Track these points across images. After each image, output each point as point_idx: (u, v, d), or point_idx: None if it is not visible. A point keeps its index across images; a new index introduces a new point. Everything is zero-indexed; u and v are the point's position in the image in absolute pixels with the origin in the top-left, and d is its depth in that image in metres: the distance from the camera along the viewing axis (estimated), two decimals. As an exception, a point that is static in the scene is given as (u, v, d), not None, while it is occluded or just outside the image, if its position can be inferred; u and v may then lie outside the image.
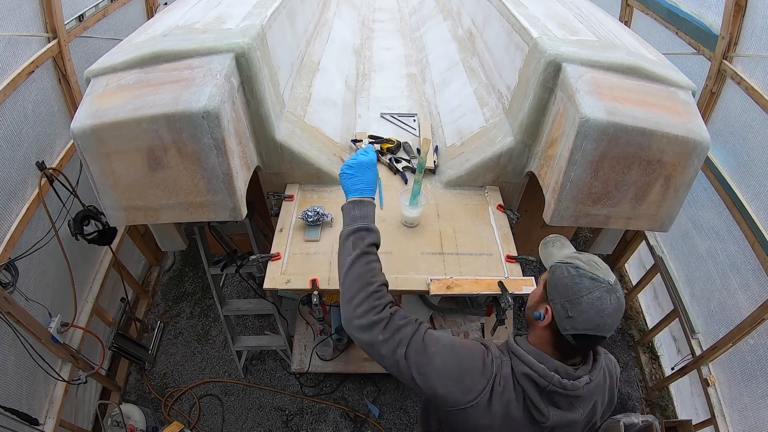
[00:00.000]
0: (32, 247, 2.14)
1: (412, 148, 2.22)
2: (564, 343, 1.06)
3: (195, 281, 3.70)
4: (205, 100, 1.45)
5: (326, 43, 2.84)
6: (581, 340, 1.04)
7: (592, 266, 1.05)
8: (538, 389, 1.06)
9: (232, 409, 2.96)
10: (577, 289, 1.02)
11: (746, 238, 2.28)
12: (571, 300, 1.02)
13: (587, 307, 1.00)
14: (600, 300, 1.00)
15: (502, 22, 2.21)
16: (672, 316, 2.94)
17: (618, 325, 1.05)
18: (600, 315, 1.00)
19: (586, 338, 1.03)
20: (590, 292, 1.01)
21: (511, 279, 1.64)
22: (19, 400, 2.12)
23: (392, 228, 1.85)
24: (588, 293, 1.01)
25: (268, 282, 1.63)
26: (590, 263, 1.06)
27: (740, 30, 2.30)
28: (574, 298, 1.01)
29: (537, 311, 1.11)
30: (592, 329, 1.01)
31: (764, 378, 2.18)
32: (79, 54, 2.59)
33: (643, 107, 1.58)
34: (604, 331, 1.02)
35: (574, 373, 1.07)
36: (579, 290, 1.01)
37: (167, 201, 1.63)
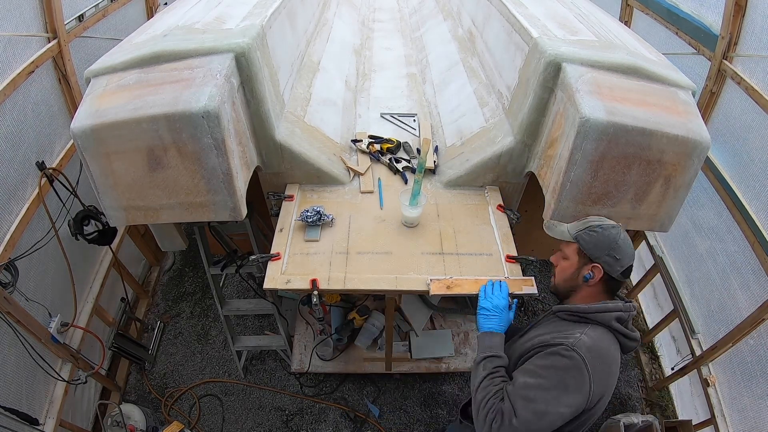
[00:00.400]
0: (32, 247, 2.14)
1: (412, 148, 2.22)
2: (612, 285, 1.32)
3: (195, 281, 3.70)
4: (205, 100, 1.45)
5: (326, 43, 2.84)
6: (626, 272, 1.31)
7: (601, 220, 1.35)
8: (624, 323, 1.28)
9: (232, 409, 2.96)
10: (611, 238, 1.29)
11: (746, 238, 2.28)
12: (613, 248, 1.28)
13: (623, 245, 1.29)
14: (626, 238, 1.31)
15: (502, 22, 2.22)
16: (672, 316, 2.94)
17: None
18: (629, 246, 1.31)
19: (629, 269, 1.30)
20: (618, 234, 1.30)
21: (510, 279, 1.64)
22: (19, 400, 2.11)
23: (392, 228, 1.85)
24: (618, 237, 1.30)
25: (268, 282, 1.63)
26: (599, 219, 1.36)
27: (740, 30, 2.30)
28: (614, 245, 1.28)
29: (584, 274, 1.32)
30: (630, 257, 1.30)
31: (764, 378, 2.18)
32: (79, 54, 2.59)
33: (643, 107, 1.58)
34: (633, 256, 1.31)
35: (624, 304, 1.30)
36: (613, 239, 1.29)
37: (167, 201, 1.63)
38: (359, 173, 2.07)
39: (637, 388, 3.13)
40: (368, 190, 2.01)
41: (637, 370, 3.23)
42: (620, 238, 1.29)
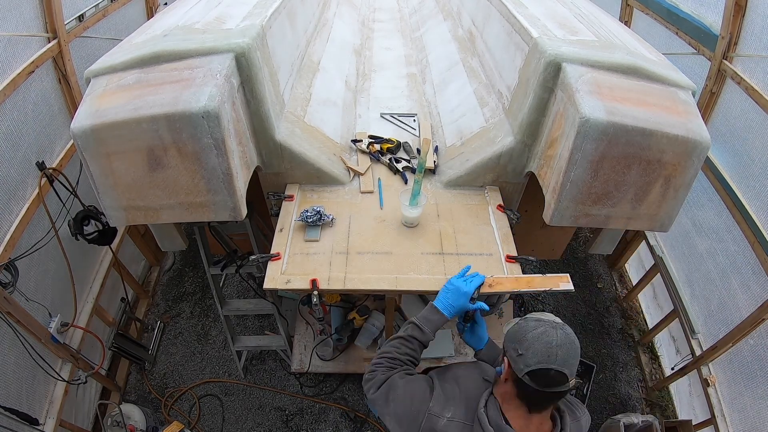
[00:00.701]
0: (32, 247, 2.14)
1: (412, 148, 2.22)
2: (526, 391, 1.09)
3: (195, 281, 3.70)
4: (205, 100, 1.45)
5: (326, 43, 2.84)
6: (538, 379, 1.06)
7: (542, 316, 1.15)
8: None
9: (232, 409, 2.96)
10: (523, 330, 1.11)
11: (746, 238, 2.28)
12: (519, 340, 1.10)
13: (533, 340, 1.07)
14: (545, 333, 1.08)
15: (502, 22, 2.21)
16: (672, 316, 2.94)
17: (575, 361, 1.08)
18: (548, 346, 1.05)
19: (541, 374, 1.05)
20: (535, 329, 1.09)
21: (548, 276, 1.59)
22: (19, 400, 2.12)
23: (392, 228, 1.85)
24: (533, 330, 1.09)
25: (268, 282, 1.62)
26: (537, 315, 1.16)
27: (740, 30, 2.30)
28: (521, 337, 1.10)
29: (498, 367, 1.21)
30: (543, 361, 1.05)
31: (764, 378, 2.18)
32: (79, 54, 2.59)
33: (643, 107, 1.58)
34: (555, 362, 1.04)
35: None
36: (525, 330, 1.11)
37: (167, 201, 1.63)
38: (359, 173, 2.07)
39: (637, 388, 3.13)
40: (368, 190, 2.01)
41: (637, 370, 3.23)
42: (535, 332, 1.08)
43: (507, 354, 1.14)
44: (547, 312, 1.28)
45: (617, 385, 3.13)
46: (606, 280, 3.80)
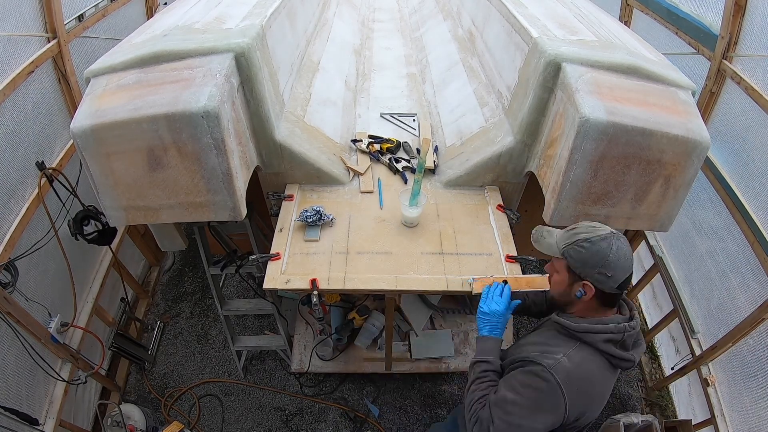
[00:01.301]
0: (32, 247, 2.14)
1: (412, 147, 2.22)
2: (610, 299, 1.24)
3: (195, 281, 3.70)
4: (205, 100, 1.45)
5: (326, 43, 2.84)
6: (623, 286, 1.21)
7: (591, 230, 1.23)
8: (617, 344, 1.21)
9: (232, 409, 2.96)
10: (601, 254, 1.18)
11: (746, 238, 2.28)
12: (603, 264, 1.18)
13: (615, 260, 1.17)
14: (619, 249, 1.18)
15: (502, 22, 2.22)
16: (672, 316, 2.94)
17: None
18: (626, 258, 1.19)
19: (625, 282, 1.20)
20: (609, 248, 1.18)
21: (544, 276, 1.59)
22: (19, 400, 2.11)
23: (392, 228, 1.85)
24: (609, 251, 1.18)
25: (268, 282, 1.63)
26: (588, 229, 1.24)
27: (740, 30, 2.30)
28: (604, 262, 1.18)
29: (575, 291, 1.25)
30: (626, 270, 1.19)
31: (764, 378, 2.18)
32: (79, 54, 2.59)
33: (642, 107, 1.58)
34: (631, 267, 1.20)
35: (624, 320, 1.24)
36: (603, 254, 1.18)
37: (167, 201, 1.63)
38: (359, 173, 2.07)
39: (637, 388, 3.13)
40: (368, 190, 2.01)
41: (637, 370, 3.23)
42: (611, 251, 1.17)
43: (590, 278, 1.20)
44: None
45: (617, 385, 3.13)
46: (606, 280, 3.80)
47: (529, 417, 1.19)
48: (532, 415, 1.19)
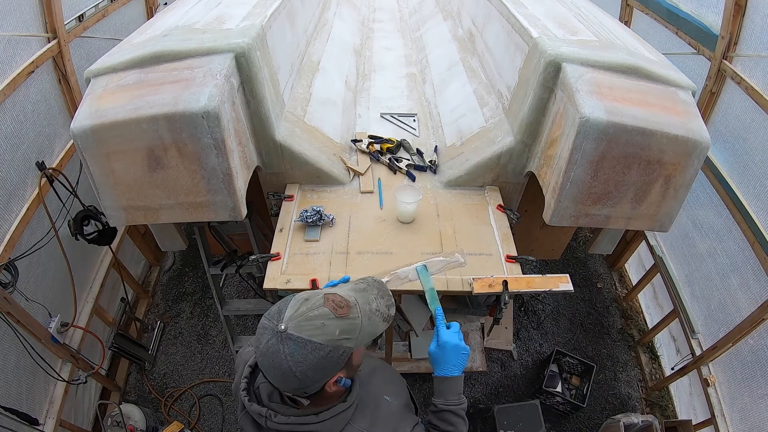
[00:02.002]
0: (32, 247, 2.14)
1: (411, 146, 2.22)
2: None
3: (195, 281, 3.69)
4: (205, 100, 1.45)
5: (326, 43, 2.84)
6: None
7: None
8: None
9: (232, 409, 2.96)
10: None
11: (746, 238, 2.28)
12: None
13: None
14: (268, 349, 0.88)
15: (502, 22, 2.21)
16: (672, 316, 2.94)
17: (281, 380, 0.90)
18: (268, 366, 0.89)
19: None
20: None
21: (547, 276, 1.60)
22: (19, 400, 2.11)
23: (392, 228, 1.85)
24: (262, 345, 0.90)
25: (268, 282, 1.63)
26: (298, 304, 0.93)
27: (740, 30, 2.30)
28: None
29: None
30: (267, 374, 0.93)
31: (764, 378, 2.18)
32: (79, 54, 2.59)
33: (643, 107, 1.58)
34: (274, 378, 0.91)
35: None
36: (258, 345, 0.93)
37: (167, 201, 1.63)
38: (359, 173, 2.07)
39: (637, 388, 3.13)
40: (368, 190, 2.01)
41: (637, 370, 3.23)
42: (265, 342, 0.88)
43: None
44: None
45: (617, 385, 3.13)
46: (606, 280, 3.80)
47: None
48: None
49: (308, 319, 0.86)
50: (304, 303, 0.89)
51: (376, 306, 0.96)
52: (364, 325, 0.91)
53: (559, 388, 2.90)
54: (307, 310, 0.87)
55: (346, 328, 0.88)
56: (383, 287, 1.04)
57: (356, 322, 0.90)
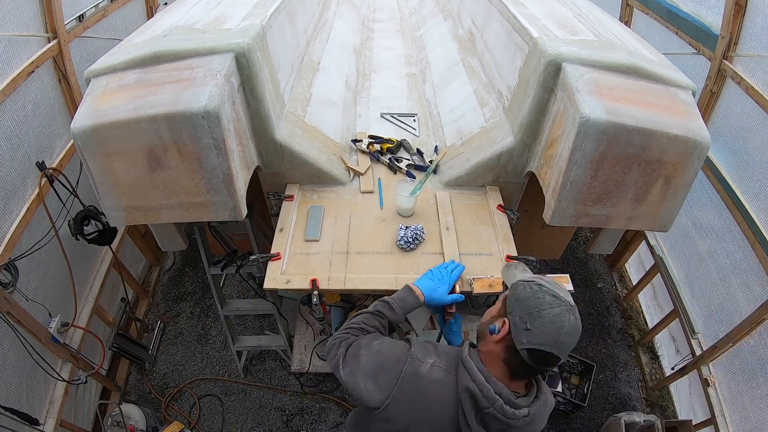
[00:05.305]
0: (32, 247, 2.14)
1: (411, 145, 2.22)
2: (515, 360, 1.06)
3: (195, 281, 3.70)
4: (205, 100, 1.45)
5: (326, 43, 2.84)
6: (535, 357, 1.03)
7: (554, 286, 1.08)
8: (475, 407, 1.06)
9: (232, 409, 2.96)
10: (538, 303, 1.03)
11: (746, 238, 2.28)
12: (531, 313, 1.03)
13: (547, 321, 1.01)
14: (560, 316, 1.01)
15: (502, 22, 2.21)
16: (672, 316, 2.94)
17: (573, 346, 1.05)
18: (558, 331, 1.01)
19: (540, 356, 1.03)
20: (551, 307, 1.02)
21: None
22: (19, 400, 2.12)
23: (392, 228, 1.85)
24: (549, 308, 1.02)
25: (268, 282, 1.62)
26: (552, 284, 1.09)
27: (740, 30, 2.30)
28: (535, 311, 1.03)
29: (492, 325, 1.12)
30: (549, 345, 1.01)
31: (764, 378, 2.18)
32: (79, 54, 2.59)
33: (643, 107, 1.58)
34: (559, 350, 1.01)
35: (515, 401, 1.06)
36: (540, 304, 1.03)
37: (167, 201, 1.63)
38: (359, 173, 2.07)
39: (637, 388, 3.13)
40: (368, 190, 2.01)
41: (637, 370, 3.23)
42: (548, 311, 1.01)
43: (510, 318, 1.07)
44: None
45: (617, 385, 3.13)
46: (606, 280, 3.80)
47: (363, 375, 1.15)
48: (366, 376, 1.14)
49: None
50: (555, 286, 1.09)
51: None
52: None
53: (560, 388, 2.90)
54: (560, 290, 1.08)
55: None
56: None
57: None
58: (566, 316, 1.02)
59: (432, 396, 1.10)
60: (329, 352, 1.27)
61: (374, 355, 1.17)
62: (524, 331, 1.03)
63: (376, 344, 1.20)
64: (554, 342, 1.00)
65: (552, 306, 1.02)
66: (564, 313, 1.02)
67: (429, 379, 1.11)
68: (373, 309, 1.36)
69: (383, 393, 1.11)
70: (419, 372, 1.11)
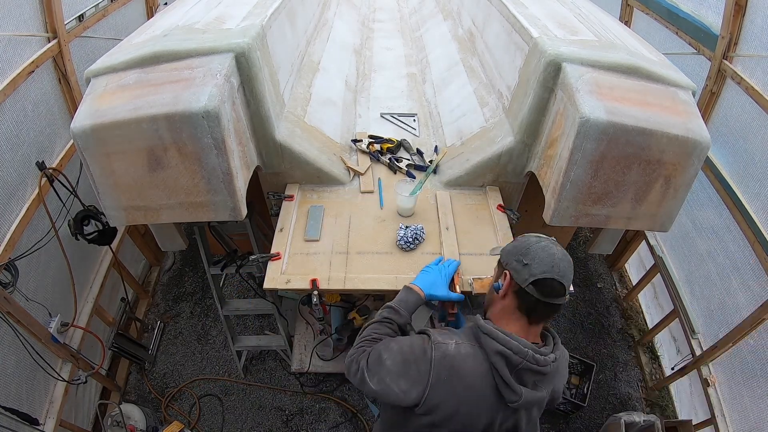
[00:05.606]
0: (32, 247, 2.14)
1: (411, 145, 2.22)
2: (526, 301, 1.13)
3: (195, 281, 3.70)
4: (205, 100, 1.45)
5: (326, 43, 2.84)
6: (542, 287, 1.10)
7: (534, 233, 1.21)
8: (510, 366, 1.10)
9: (232, 409, 2.96)
10: (526, 244, 1.16)
11: (746, 238, 2.28)
12: (523, 252, 1.14)
13: (539, 252, 1.12)
14: (548, 247, 1.13)
15: (502, 22, 2.22)
16: (672, 316, 2.94)
17: (571, 276, 1.12)
18: (552, 257, 1.11)
19: (546, 285, 1.09)
20: (538, 242, 1.15)
21: None
22: (19, 400, 2.11)
23: (392, 228, 1.85)
24: (536, 243, 1.15)
25: (268, 282, 1.62)
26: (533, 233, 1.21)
27: (740, 30, 2.30)
28: (525, 250, 1.14)
29: (495, 283, 1.23)
30: (548, 270, 1.09)
31: (764, 378, 2.18)
32: (79, 54, 2.59)
33: (643, 107, 1.58)
34: (560, 275, 1.09)
35: (541, 350, 1.12)
36: (528, 244, 1.15)
37: (167, 201, 1.63)
38: (359, 173, 2.07)
39: (637, 388, 3.13)
40: (368, 189, 2.01)
41: (637, 369, 3.23)
42: (537, 244, 1.13)
43: (509, 266, 1.16)
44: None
45: (617, 385, 3.13)
46: (606, 280, 3.80)
47: (394, 376, 1.16)
48: (396, 377, 1.16)
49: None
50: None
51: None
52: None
53: (559, 388, 2.89)
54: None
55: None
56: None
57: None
58: (553, 246, 1.14)
59: (467, 370, 1.13)
60: (348, 370, 1.29)
61: (397, 354, 1.19)
62: (524, 267, 1.12)
63: (394, 345, 1.22)
64: (552, 267, 1.09)
65: (538, 242, 1.15)
66: (550, 244, 1.14)
67: (460, 357, 1.14)
68: (380, 317, 1.38)
69: (419, 386, 1.12)
70: (448, 353, 1.14)
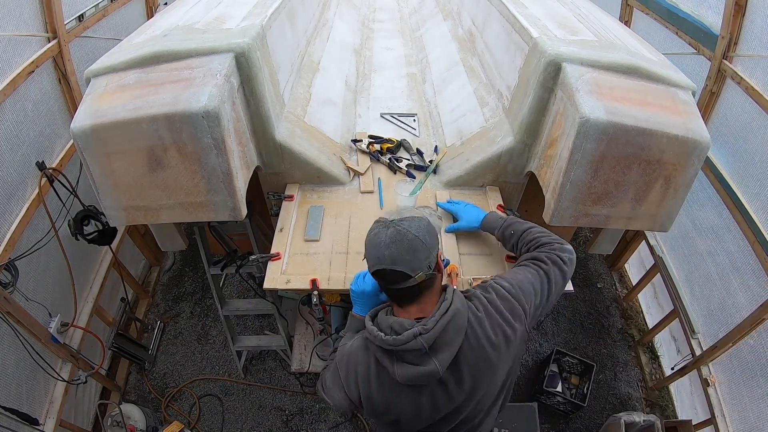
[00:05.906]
0: (32, 247, 2.14)
1: (411, 145, 2.22)
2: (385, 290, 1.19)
3: (195, 281, 3.70)
4: (205, 100, 1.45)
5: (326, 43, 2.84)
6: (381, 278, 1.14)
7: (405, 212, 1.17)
8: (381, 350, 1.13)
9: (232, 409, 2.96)
10: (367, 237, 1.16)
11: (746, 238, 2.28)
12: (365, 245, 1.16)
13: (369, 245, 1.14)
14: (377, 235, 1.12)
15: (502, 22, 2.21)
16: (672, 316, 2.94)
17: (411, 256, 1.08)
18: (377, 248, 1.10)
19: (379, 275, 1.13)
20: (372, 232, 1.14)
21: None
22: (19, 400, 2.12)
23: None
24: (370, 234, 1.15)
25: (268, 282, 1.62)
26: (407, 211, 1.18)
27: (740, 30, 2.30)
28: (366, 242, 1.16)
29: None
30: (376, 263, 1.11)
31: (764, 378, 2.18)
32: (79, 54, 2.59)
33: (643, 107, 1.58)
34: (384, 262, 1.09)
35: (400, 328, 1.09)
36: (367, 237, 1.16)
37: (167, 201, 1.63)
38: (359, 173, 2.07)
39: (637, 388, 3.13)
40: (368, 190, 2.01)
41: (637, 369, 3.23)
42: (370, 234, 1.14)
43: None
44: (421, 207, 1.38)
45: (617, 385, 3.13)
46: (606, 280, 3.80)
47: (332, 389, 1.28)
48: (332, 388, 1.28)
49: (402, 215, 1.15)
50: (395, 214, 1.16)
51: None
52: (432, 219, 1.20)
53: (560, 388, 2.90)
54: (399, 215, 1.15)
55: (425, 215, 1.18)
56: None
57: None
58: (382, 231, 1.11)
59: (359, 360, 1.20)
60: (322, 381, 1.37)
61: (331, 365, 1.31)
62: (366, 261, 1.15)
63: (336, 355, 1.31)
64: (377, 258, 1.10)
65: (372, 231, 1.14)
66: (380, 230, 1.12)
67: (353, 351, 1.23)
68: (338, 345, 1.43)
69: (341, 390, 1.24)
70: (344, 350, 1.26)
